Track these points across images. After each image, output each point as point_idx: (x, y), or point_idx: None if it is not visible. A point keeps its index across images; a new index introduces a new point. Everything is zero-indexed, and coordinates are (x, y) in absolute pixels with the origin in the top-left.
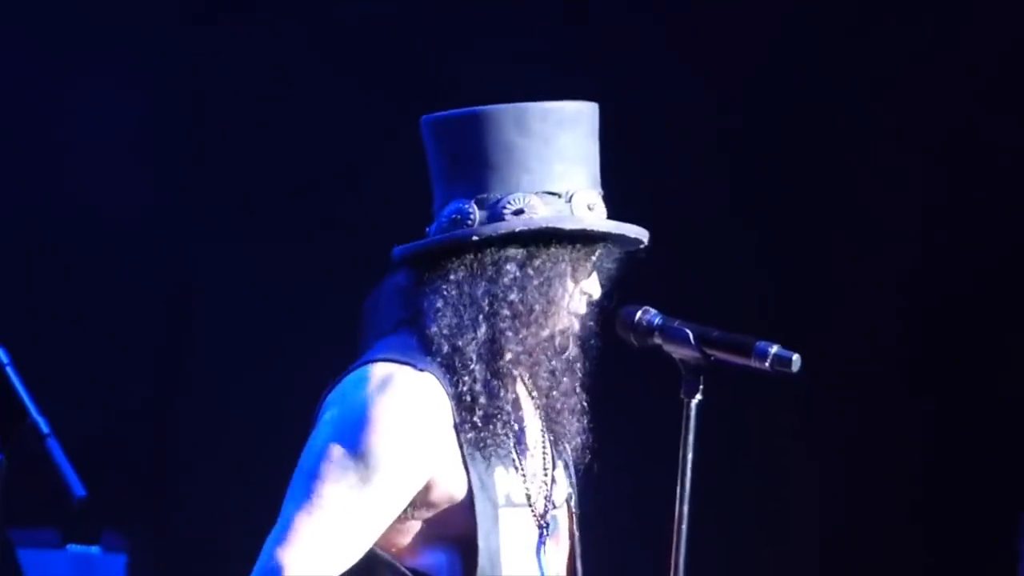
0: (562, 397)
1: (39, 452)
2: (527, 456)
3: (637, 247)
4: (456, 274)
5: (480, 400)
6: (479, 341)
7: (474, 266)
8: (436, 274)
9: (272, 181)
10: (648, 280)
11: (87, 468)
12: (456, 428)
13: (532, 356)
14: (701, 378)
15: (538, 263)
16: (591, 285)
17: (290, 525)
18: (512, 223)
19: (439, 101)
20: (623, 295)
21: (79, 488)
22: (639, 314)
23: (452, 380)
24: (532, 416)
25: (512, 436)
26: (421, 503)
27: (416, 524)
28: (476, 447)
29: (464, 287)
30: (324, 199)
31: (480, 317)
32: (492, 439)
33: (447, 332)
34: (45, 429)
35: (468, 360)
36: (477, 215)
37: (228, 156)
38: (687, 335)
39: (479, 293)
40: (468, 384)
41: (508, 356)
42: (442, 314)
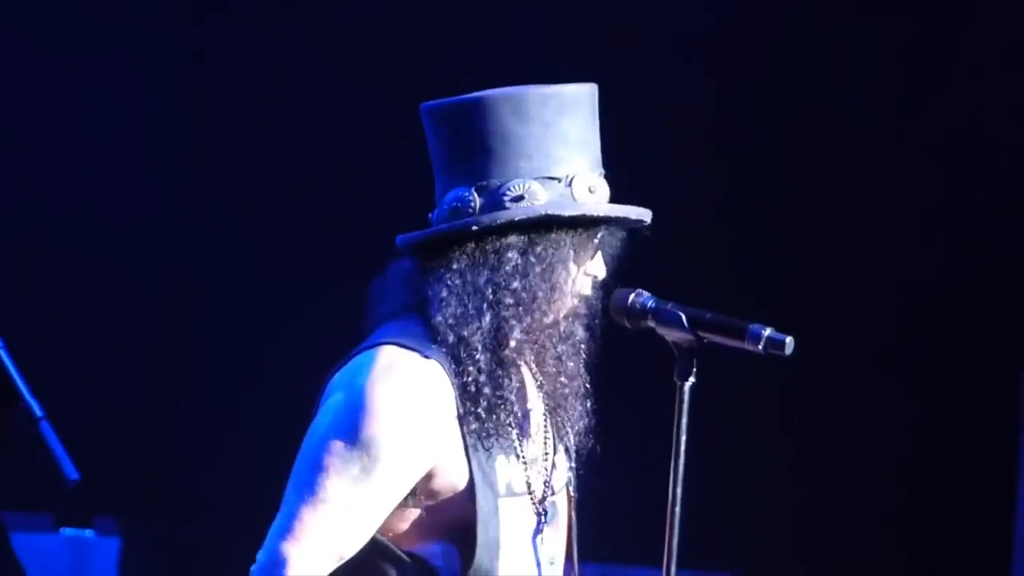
0: (567, 381)
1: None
2: (529, 442)
3: (640, 226)
4: (459, 263)
5: (484, 390)
6: (484, 330)
7: (476, 255)
8: (439, 263)
9: (272, 181)
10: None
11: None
12: (459, 418)
13: (538, 342)
14: (694, 361)
15: (539, 250)
16: (595, 266)
17: (294, 518)
18: (512, 211)
19: None
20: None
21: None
22: (632, 297)
23: (457, 370)
24: (535, 401)
25: (515, 424)
26: (422, 492)
27: (416, 512)
28: (479, 437)
29: (467, 276)
30: (324, 199)
31: (484, 306)
32: (495, 429)
33: (452, 321)
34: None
35: (473, 350)
36: (477, 203)
37: (228, 156)
38: (680, 318)
39: (482, 282)
40: (473, 374)
41: (513, 343)
42: (446, 303)
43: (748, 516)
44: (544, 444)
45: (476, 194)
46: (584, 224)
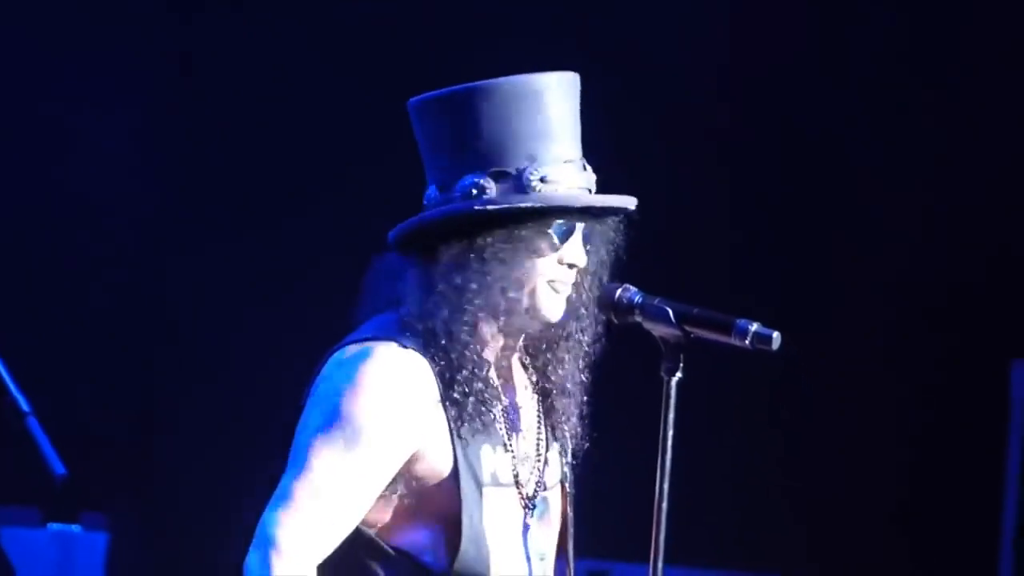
0: (560, 379)
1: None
2: (519, 437)
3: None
4: (417, 259)
5: (458, 377)
6: (446, 322)
7: (427, 251)
8: (407, 260)
9: (271, 180)
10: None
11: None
12: (443, 404)
13: (511, 333)
14: (681, 356)
15: (479, 242)
16: (571, 254)
17: (286, 493)
18: (452, 206)
19: None
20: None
21: (59, 466)
22: (619, 292)
23: (431, 357)
24: (528, 398)
25: (501, 416)
26: (407, 476)
27: (401, 500)
28: (461, 423)
29: (423, 271)
30: (324, 198)
31: (440, 300)
32: (476, 415)
33: (417, 315)
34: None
35: (441, 340)
36: (437, 200)
37: (228, 156)
38: (667, 313)
39: (435, 277)
40: (445, 362)
41: (485, 335)
42: (413, 298)
43: (737, 511)
44: (537, 440)
45: (437, 191)
46: (534, 215)
